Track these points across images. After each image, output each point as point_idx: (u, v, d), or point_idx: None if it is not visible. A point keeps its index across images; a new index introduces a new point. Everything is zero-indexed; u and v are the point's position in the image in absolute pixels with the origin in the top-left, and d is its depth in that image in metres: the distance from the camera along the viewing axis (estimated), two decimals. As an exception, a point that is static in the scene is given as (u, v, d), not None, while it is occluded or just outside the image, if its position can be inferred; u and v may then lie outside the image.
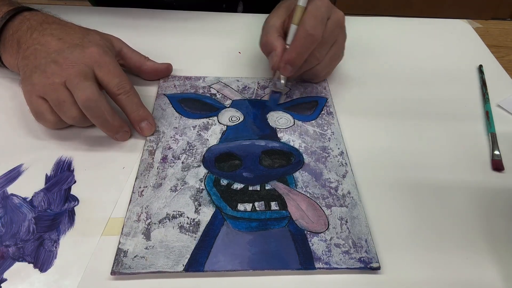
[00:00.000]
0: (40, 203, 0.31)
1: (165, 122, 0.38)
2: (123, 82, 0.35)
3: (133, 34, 0.46)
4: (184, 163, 0.34)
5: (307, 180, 0.33)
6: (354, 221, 0.31)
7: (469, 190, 0.34)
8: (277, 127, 0.39)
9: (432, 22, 0.58)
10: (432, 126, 0.40)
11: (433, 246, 0.30)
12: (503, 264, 0.29)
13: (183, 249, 0.28)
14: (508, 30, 0.58)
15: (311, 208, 0.31)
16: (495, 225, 0.32)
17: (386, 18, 0.58)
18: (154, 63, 0.43)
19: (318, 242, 0.29)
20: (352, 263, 0.28)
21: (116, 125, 0.35)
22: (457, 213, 0.33)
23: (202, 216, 0.30)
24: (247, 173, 0.33)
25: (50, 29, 0.36)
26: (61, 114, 0.34)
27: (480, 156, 0.38)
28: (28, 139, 0.36)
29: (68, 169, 0.34)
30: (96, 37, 0.37)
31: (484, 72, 0.47)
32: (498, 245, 0.30)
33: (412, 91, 0.45)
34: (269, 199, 0.32)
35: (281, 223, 0.30)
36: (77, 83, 0.32)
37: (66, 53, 0.34)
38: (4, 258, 0.28)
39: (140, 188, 0.32)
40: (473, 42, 0.54)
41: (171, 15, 0.54)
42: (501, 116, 0.42)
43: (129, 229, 0.29)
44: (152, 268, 0.27)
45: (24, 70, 0.35)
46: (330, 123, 0.39)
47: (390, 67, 0.48)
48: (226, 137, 0.37)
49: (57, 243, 0.28)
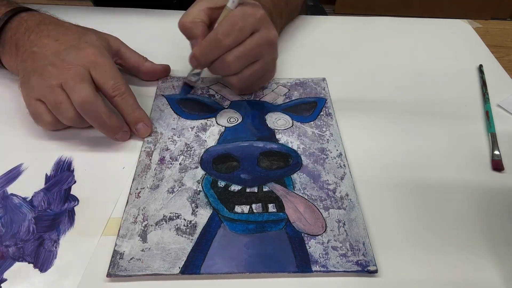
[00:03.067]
0: (40, 203, 0.31)
1: (163, 123, 0.38)
2: (118, 83, 0.35)
3: (132, 34, 0.46)
4: (182, 164, 0.34)
5: (305, 182, 0.33)
6: (352, 223, 0.31)
7: (469, 190, 0.34)
8: (275, 128, 0.38)
9: (432, 22, 0.58)
10: (432, 126, 0.40)
11: (432, 247, 0.30)
12: (503, 264, 0.29)
13: (180, 252, 0.28)
14: (508, 30, 0.58)
15: (309, 210, 0.31)
16: (495, 225, 0.32)
17: (386, 18, 0.58)
18: (152, 64, 0.43)
19: (316, 244, 0.29)
20: (350, 266, 0.28)
21: (114, 126, 0.35)
22: (457, 213, 0.32)
23: (199, 218, 0.30)
24: (244, 175, 0.33)
25: (47, 30, 0.36)
26: (58, 116, 0.34)
27: (480, 156, 0.37)
28: (28, 139, 0.36)
29: (68, 169, 0.34)
30: (93, 37, 0.37)
31: (484, 72, 0.47)
32: (498, 245, 0.30)
33: (412, 92, 0.45)
34: (267, 201, 0.32)
35: (278, 225, 0.30)
36: (73, 85, 0.32)
37: (63, 55, 0.34)
38: (4, 258, 0.28)
39: (137, 189, 0.32)
40: (473, 42, 0.54)
41: (171, 15, 0.53)
42: (501, 116, 0.42)
43: (126, 231, 0.29)
44: (148, 270, 0.27)
45: (22, 74, 0.35)
46: (329, 124, 0.39)
47: (390, 67, 0.48)
48: (224, 138, 0.37)
49: (57, 243, 0.29)
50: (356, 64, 0.48)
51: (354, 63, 0.48)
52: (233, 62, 0.36)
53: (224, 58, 0.35)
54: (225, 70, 0.37)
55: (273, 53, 0.39)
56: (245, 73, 0.37)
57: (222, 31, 0.34)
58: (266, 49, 0.37)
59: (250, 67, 0.37)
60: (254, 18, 0.35)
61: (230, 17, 0.35)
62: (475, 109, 0.43)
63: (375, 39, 0.53)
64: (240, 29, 0.34)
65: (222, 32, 0.34)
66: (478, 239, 0.31)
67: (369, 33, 0.54)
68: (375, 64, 0.48)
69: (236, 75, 0.37)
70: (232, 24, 0.34)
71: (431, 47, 0.52)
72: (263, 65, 0.38)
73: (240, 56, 0.35)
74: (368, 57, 0.49)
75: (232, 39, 0.34)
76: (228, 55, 0.35)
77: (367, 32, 0.54)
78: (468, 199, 0.33)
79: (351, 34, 0.43)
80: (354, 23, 0.56)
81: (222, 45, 0.34)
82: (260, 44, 0.36)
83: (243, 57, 0.36)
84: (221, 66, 0.36)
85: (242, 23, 0.34)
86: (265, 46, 0.36)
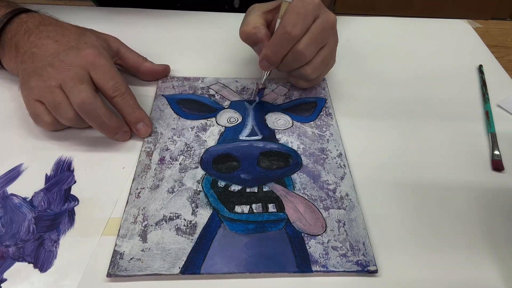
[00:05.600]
0: (40, 203, 0.31)
1: (163, 123, 0.38)
2: (118, 84, 0.35)
3: (132, 34, 0.46)
4: (182, 164, 0.34)
5: (305, 182, 0.33)
6: (352, 223, 0.31)
7: (469, 190, 0.34)
8: (275, 128, 0.38)
9: (432, 22, 0.58)
10: (432, 127, 0.40)
11: (433, 247, 0.30)
12: (503, 264, 0.29)
13: (180, 252, 0.28)
14: (508, 30, 0.58)
15: (309, 210, 0.31)
16: (495, 225, 0.32)
17: (386, 18, 0.58)
18: (152, 64, 0.43)
19: (316, 244, 0.29)
20: (350, 266, 0.28)
21: (114, 126, 0.35)
22: (456, 213, 0.32)
23: (199, 218, 0.30)
24: (245, 175, 0.33)
25: (47, 32, 0.36)
26: (58, 116, 0.34)
27: (480, 156, 0.37)
28: (28, 139, 0.36)
29: (68, 169, 0.34)
30: (92, 38, 0.37)
31: (484, 72, 0.47)
32: (498, 245, 0.30)
33: (412, 92, 0.45)
34: (267, 201, 0.32)
35: (278, 225, 0.30)
36: (72, 86, 0.33)
37: (62, 56, 0.34)
38: (4, 258, 0.28)
39: (137, 189, 0.32)
40: (473, 42, 0.54)
41: (171, 15, 0.54)
42: (501, 116, 0.42)
43: (126, 231, 0.29)
44: (148, 270, 0.27)
45: (22, 75, 0.35)
46: (329, 124, 0.39)
47: (390, 67, 0.48)
48: (224, 138, 0.37)
49: (57, 243, 0.29)
50: (356, 64, 0.48)
51: (354, 63, 0.48)
52: (306, 49, 0.36)
53: (296, 48, 0.36)
54: (299, 60, 0.37)
55: (336, 36, 0.40)
56: (317, 60, 0.38)
57: (289, 23, 0.35)
58: (330, 32, 0.38)
59: (320, 53, 0.38)
60: (313, 5, 0.36)
61: (292, 8, 0.35)
62: (475, 109, 0.43)
63: (375, 39, 0.53)
64: (305, 17, 0.35)
65: (288, 24, 0.35)
66: (478, 239, 0.31)
67: (369, 33, 0.54)
68: (375, 64, 0.48)
69: (308, 64, 0.38)
70: (296, 14, 0.35)
71: (431, 47, 0.52)
72: (329, 50, 0.39)
73: (310, 43, 0.36)
74: (368, 57, 0.49)
75: (299, 28, 0.35)
76: (299, 45, 0.36)
77: (367, 32, 0.54)
78: (468, 199, 0.34)
79: (351, 34, 0.43)
80: (354, 23, 0.56)
81: (292, 36, 0.35)
82: (325, 28, 0.37)
83: (313, 43, 0.36)
84: (293, 58, 0.37)
85: (305, 11, 0.35)
86: (329, 29, 0.37)
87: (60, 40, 0.36)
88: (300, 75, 0.40)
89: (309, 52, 0.37)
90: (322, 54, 0.38)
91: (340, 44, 0.41)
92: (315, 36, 0.36)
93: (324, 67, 0.40)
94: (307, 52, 0.36)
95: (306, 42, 0.36)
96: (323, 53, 0.38)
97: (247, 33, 0.37)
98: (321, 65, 0.39)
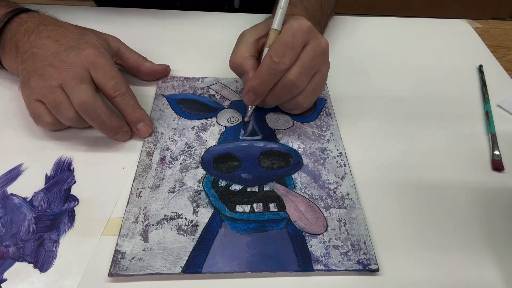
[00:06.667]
0: (40, 203, 0.31)
1: (163, 123, 0.38)
2: (118, 84, 0.35)
3: (132, 34, 0.46)
4: (183, 164, 0.34)
5: (306, 182, 0.33)
6: (353, 222, 0.31)
7: (469, 190, 0.34)
8: (276, 128, 0.39)
9: (432, 22, 0.58)
10: (432, 126, 0.40)
11: (433, 247, 0.30)
12: (503, 264, 0.29)
13: (181, 251, 0.28)
14: (508, 30, 0.58)
15: (310, 209, 0.31)
16: (495, 225, 0.32)
17: (386, 18, 0.58)
18: (152, 64, 0.43)
19: (317, 243, 0.29)
20: (351, 265, 0.28)
21: (114, 126, 0.35)
22: (457, 213, 0.32)
23: (200, 218, 0.30)
24: (245, 174, 0.33)
25: (47, 31, 0.36)
26: (58, 116, 0.34)
27: (480, 156, 0.38)
28: (28, 139, 0.36)
29: (68, 169, 0.34)
30: (92, 38, 0.37)
31: (484, 72, 0.47)
32: (498, 245, 0.30)
33: (412, 91, 0.45)
34: (268, 201, 0.32)
35: (279, 224, 0.30)
36: (73, 86, 0.32)
37: (62, 56, 0.34)
38: (4, 258, 0.28)
39: (138, 189, 0.32)
40: (473, 42, 0.54)
41: (171, 15, 0.54)
42: (501, 116, 0.42)
43: (127, 230, 0.29)
44: (149, 270, 0.27)
45: (22, 74, 0.35)
46: (329, 124, 0.39)
47: (390, 67, 0.48)
48: (225, 138, 0.37)
49: (57, 243, 0.29)
50: (356, 64, 0.48)
51: (354, 63, 0.48)
52: (297, 79, 0.34)
53: (287, 79, 0.34)
54: (291, 91, 0.35)
55: (328, 62, 0.38)
56: (309, 88, 0.36)
57: (276, 53, 0.33)
58: (322, 58, 0.36)
59: (312, 81, 0.36)
60: (302, 32, 0.34)
61: (280, 38, 0.34)
62: (475, 109, 0.43)
63: (375, 39, 0.53)
64: (293, 46, 0.33)
65: (276, 54, 0.33)
66: (478, 239, 0.31)
67: (369, 33, 0.54)
68: (375, 64, 0.48)
69: (301, 93, 0.36)
70: (284, 43, 0.33)
71: (431, 47, 0.52)
72: (321, 77, 0.37)
73: (302, 72, 0.34)
74: (368, 57, 0.49)
75: (288, 58, 0.33)
76: (290, 75, 0.34)
77: (367, 32, 0.54)
78: (468, 199, 0.34)
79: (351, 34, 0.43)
80: (354, 23, 0.56)
81: (280, 67, 0.33)
82: (316, 55, 0.35)
83: (305, 73, 0.34)
84: (285, 89, 0.35)
85: (293, 40, 0.33)
86: (320, 56, 0.35)
87: (61, 40, 0.36)
88: (291, 106, 0.38)
89: (301, 82, 0.35)
90: (314, 82, 0.36)
91: (340, 44, 0.41)
92: (307, 64, 0.34)
93: (317, 94, 0.38)
94: (299, 82, 0.34)
95: (297, 71, 0.34)
96: (315, 81, 0.36)
97: (233, 62, 0.36)
98: (313, 93, 0.37)
